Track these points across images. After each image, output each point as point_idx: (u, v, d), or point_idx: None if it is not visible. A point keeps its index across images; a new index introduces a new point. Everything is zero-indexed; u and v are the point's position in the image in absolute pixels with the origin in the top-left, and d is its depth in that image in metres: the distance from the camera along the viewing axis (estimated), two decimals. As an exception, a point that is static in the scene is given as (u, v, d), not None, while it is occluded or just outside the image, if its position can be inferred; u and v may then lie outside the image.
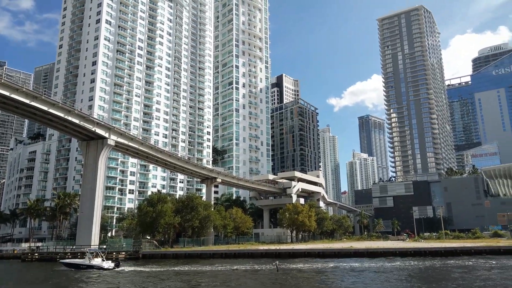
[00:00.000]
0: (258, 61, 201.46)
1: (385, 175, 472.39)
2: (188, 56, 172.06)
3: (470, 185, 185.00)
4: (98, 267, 54.40)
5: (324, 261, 64.22)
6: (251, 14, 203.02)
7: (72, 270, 54.51)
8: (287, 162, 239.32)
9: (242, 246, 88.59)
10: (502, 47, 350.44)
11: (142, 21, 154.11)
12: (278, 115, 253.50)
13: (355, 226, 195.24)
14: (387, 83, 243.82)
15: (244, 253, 76.36)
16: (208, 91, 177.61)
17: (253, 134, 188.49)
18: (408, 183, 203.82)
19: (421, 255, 70.30)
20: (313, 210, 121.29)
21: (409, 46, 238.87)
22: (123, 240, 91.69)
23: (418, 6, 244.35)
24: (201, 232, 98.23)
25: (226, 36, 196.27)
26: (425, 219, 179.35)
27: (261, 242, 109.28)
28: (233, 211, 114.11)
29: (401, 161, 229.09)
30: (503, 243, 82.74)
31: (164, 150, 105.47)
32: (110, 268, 54.43)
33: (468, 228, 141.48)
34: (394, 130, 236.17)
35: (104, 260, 56.57)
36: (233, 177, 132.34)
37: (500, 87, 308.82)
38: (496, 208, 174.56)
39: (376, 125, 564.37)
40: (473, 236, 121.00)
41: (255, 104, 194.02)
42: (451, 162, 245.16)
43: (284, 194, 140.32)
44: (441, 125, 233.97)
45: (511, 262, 56.58)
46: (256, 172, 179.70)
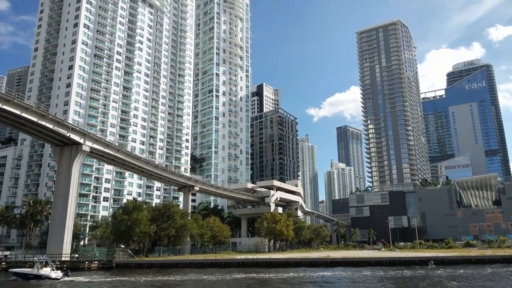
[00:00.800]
0: (239, 70, 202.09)
1: (362, 185, 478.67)
2: (168, 63, 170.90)
3: (443, 196, 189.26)
4: (46, 276, 52.82)
5: (302, 270, 64.19)
6: (233, 23, 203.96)
7: (19, 280, 52.71)
8: (266, 171, 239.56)
9: (219, 256, 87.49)
10: (475, 63, 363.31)
11: (121, 26, 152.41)
12: (258, 124, 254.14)
13: (332, 235, 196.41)
14: (364, 95, 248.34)
15: (220, 263, 75.38)
16: (187, 98, 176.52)
17: (232, 143, 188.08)
18: (384, 193, 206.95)
19: (395, 264, 71.10)
20: (291, 219, 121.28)
21: (386, 59, 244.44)
22: (96, 249, 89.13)
23: (395, 21, 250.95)
24: (177, 241, 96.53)
25: (207, 44, 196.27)
26: (400, 228, 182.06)
27: (239, 251, 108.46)
28: (210, 220, 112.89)
29: (378, 171, 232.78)
30: (474, 253, 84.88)
31: (141, 157, 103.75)
32: (58, 278, 52.98)
33: (442, 238, 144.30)
34: (371, 141, 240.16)
35: (54, 269, 55.01)
36: (211, 185, 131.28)
37: (472, 101, 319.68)
38: (468, 219, 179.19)
39: (354, 135, 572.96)
40: (446, 246, 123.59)
41: (235, 112, 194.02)
42: (426, 173, 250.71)
43: (262, 203, 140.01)
44: (416, 136, 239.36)
45: (477, 271, 57.87)
46: (234, 181, 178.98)
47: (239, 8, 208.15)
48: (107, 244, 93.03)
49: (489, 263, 70.73)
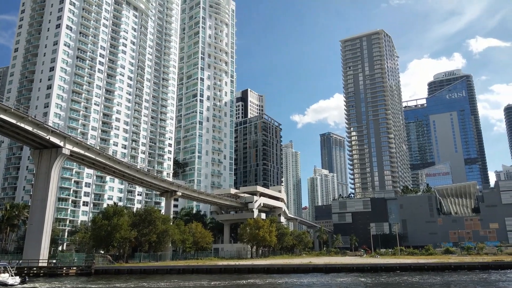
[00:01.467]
0: (224, 75, 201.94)
1: (345, 191, 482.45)
2: (152, 66, 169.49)
3: (424, 203, 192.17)
4: (3, 283, 51.17)
5: (284, 276, 63.97)
6: (218, 28, 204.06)
7: None
8: (250, 176, 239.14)
9: (201, 262, 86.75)
10: (455, 73, 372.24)
11: (105, 28, 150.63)
12: (242, 129, 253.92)
13: (314, 241, 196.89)
14: (348, 103, 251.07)
15: (202, 269, 74.63)
16: (171, 103, 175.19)
17: (216, 148, 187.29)
18: (366, 200, 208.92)
19: (377, 270, 71.62)
20: (274, 225, 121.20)
21: (370, 67, 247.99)
22: (75, 254, 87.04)
23: (379, 30, 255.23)
24: (159, 247, 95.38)
25: (192, 48, 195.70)
26: (381, 235, 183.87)
27: (221, 257, 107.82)
28: (192, 225, 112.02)
29: (360, 178, 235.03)
30: (453, 260, 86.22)
31: (123, 161, 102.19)
32: (15, 284, 51.41)
33: (422, 245, 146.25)
34: (354, 148, 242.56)
35: (12, 275, 53.36)
36: (194, 190, 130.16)
37: (452, 111, 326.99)
38: (448, 226, 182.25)
39: (337, 142, 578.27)
40: (427, 253, 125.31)
41: (219, 117, 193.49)
42: (407, 181, 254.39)
43: (245, 208, 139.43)
44: (398, 144, 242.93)
45: (453, 277, 58.71)
46: (218, 186, 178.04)
47: (224, 14, 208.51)
48: (86, 250, 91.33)
49: (468, 270, 71.88)
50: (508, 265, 74.80)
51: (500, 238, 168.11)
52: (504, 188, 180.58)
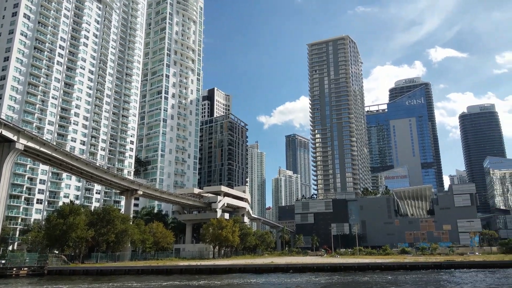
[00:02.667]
0: (190, 73, 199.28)
1: (308, 192, 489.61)
2: (115, 61, 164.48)
3: (382, 204, 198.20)
4: None
5: (246, 276, 63.76)
6: (185, 25, 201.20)
7: None
8: (214, 176, 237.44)
9: (161, 262, 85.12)
10: (415, 81, 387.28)
11: (66, 19, 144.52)
12: (207, 129, 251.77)
13: (277, 241, 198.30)
14: (313, 105, 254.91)
15: (162, 270, 73.21)
16: (134, 99, 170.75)
17: (180, 146, 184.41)
18: (328, 201, 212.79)
19: (336, 270, 73.03)
20: (237, 225, 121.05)
21: (335, 72, 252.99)
22: (27, 254, 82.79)
23: (344, 36, 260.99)
24: (117, 247, 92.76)
25: (158, 44, 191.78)
26: (342, 235, 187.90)
27: (182, 258, 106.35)
28: (153, 225, 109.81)
29: (323, 180, 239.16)
30: (408, 260, 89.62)
31: (81, 157, 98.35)
32: None
33: (380, 245, 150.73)
34: (318, 150, 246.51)
35: None
36: (156, 189, 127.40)
37: (411, 116, 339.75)
38: (404, 227, 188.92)
39: (302, 144, 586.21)
40: (384, 253, 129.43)
41: (184, 115, 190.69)
42: (367, 183, 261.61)
43: (209, 208, 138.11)
44: (359, 147, 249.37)
45: (409, 276, 60.81)
46: (181, 185, 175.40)
47: (192, 11, 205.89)
48: (40, 250, 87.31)
49: (422, 269, 74.69)
50: (459, 265, 78.41)
51: (452, 239, 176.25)
52: (457, 192, 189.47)
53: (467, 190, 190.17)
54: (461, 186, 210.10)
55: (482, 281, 56.20)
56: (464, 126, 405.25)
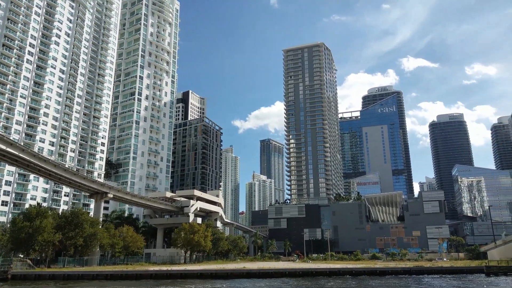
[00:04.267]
0: (165, 75, 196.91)
1: (282, 197, 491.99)
2: (87, 61, 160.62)
3: (354, 210, 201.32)
4: None
5: (217, 281, 63.11)
6: (161, 26, 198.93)
7: None
8: (187, 180, 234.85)
9: (131, 267, 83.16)
10: (387, 89, 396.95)
11: (37, 17, 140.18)
12: (181, 132, 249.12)
13: (250, 246, 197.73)
14: (288, 111, 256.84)
15: (132, 275, 71.53)
16: (106, 100, 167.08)
17: (153, 149, 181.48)
18: (301, 206, 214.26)
19: (308, 275, 73.38)
20: (210, 230, 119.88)
21: (310, 78, 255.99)
22: (-11, 258, 79.21)
23: (319, 43, 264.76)
24: (85, 251, 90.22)
25: (132, 45, 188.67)
26: (314, 241, 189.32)
27: (152, 262, 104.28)
28: (123, 229, 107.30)
29: (296, 185, 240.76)
30: (379, 265, 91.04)
31: (49, 159, 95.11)
32: None
33: (351, 250, 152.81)
34: (292, 155, 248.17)
35: None
36: (127, 193, 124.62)
37: (383, 124, 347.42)
38: (375, 233, 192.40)
39: (276, 149, 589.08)
40: (355, 258, 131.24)
41: (157, 118, 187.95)
42: (340, 188, 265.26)
43: (181, 213, 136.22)
44: (332, 153, 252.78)
45: (371, 282, 61.77)
46: (153, 189, 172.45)
47: (168, 13, 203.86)
48: (3, 254, 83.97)
49: (392, 274, 76.04)
50: (427, 271, 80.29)
51: (421, 245, 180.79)
52: (426, 198, 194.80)
53: (436, 197, 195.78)
54: (430, 193, 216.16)
55: (450, 287, 57.71)
56: (434, 135, 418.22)
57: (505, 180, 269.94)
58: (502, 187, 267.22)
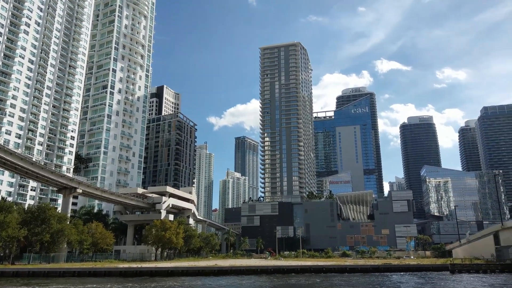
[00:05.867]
0: (139, 68, 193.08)
1: (255, 195, 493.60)
2: (58, 51, 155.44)
3: (326, 208, 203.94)
4: None
5: (188, 279, 62.53)
6: (136, 19, 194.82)
7: None
8: (160, 176, 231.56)
9: (99, 264, 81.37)
10: (361, 90, 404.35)
11: (5, 4, 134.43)
12: (154, 127, 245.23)
13: (222, 244, 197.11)
14: (263, 109, 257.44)
15: (100, 272, 69.92)
16: (77, 92, 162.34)
17: (125, 144, 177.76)
18: (274, 204, 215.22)
19: (279, 272, 73.78)
20: (182, 227, 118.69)
21: (286, 77, 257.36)
22: None
23: (296, 42, 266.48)
24: (52, 247, 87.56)
25: (105, 37, 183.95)
26: (286, 238, 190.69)
27: (122, 260, 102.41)
28: (92, 225, 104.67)
29: (270, 183, 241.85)
30: (349, 262, 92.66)
31: (15, 151, 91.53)
32: None
33: (323, 248, 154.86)
34: (266, 153, 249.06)
35: None
36: (97, 188, 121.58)
37: (356, 124, 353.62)
38: (346, 231, 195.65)
39: (251, 146, 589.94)
40: (326, 256, 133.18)
41: (130, 112, 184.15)
42: (312, 187, 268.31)
43: (153, 209, 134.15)
44: (306, 152, 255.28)
45: (348, 279, 62.90)
46: (124, 185, 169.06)
47: (143, 5, 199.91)
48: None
49: (361, 272, 77.48)
50: (395, 268, 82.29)
51: (390, 243, 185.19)
52: (395, 198, 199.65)
53: (405, 197, 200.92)
54: (399, 193, 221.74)
55: (416, 284, 59.32)
56: (404, 136, 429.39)
57: (470, 181, 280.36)
58: (467, 188, 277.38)
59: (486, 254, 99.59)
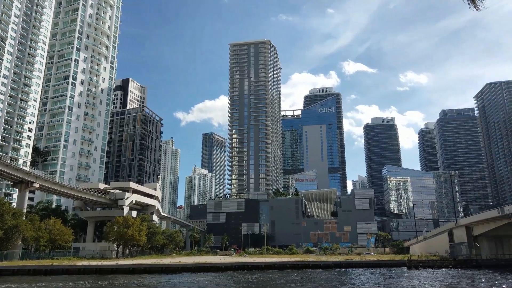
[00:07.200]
0: (103, 60, 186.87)
1: (222, 192, 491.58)
2: (16, 38, 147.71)
3: (291, 205, 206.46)
4: None
5: (150, 276, 61.23)
6: (101, 8, 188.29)
7: None
8: (123, 171, 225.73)
9: (57, 262, 78.18)
10: (328, 90, 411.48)
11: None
12: (119, 120, 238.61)
13: (186, 241, 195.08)
14: (232, 106, 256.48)
15: (57, 270, 67.34)
16: (36, 82, 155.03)
17: (86, 137, 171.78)
18: (241, 201, 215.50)
19: (244, 269, 73.79)
20: (145, 224, 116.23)
21: (255, 74, 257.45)
22: None
23: (266, 40, 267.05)
24: (6, 244, 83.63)
25: (68, 25, 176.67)
26: (252, 235, 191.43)
27: (81, 257, 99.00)
28: (50, 221, 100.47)
29: (237, 180, 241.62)
30: (312, 259, 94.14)
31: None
32: None
33: (287, 245, 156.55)
34: (234, 150, 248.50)
35: None
36: (55, 183, 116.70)
37: (322, 124, 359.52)
38: (310, 227, 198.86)
39: (219, 143, 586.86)
40: (290, 252, 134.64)
41: (93, 104, 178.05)
42: (279, 184, 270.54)
43: (115, 205, 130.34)
44: (274, 150, 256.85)
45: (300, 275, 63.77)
46: (85, 180, 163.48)
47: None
48: None
49: (323, 268, 78.82)
50: (356, 264, 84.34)
51: (351, 239, 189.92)
52: (358, 196, 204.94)
53: (366, 195, 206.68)
54: (361, 191, 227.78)
55: (375, 279, 60.92)
56: (367, 136, 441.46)
57: (428, 181, 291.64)
58: (425, 187, 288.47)
59: (441, 250, 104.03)
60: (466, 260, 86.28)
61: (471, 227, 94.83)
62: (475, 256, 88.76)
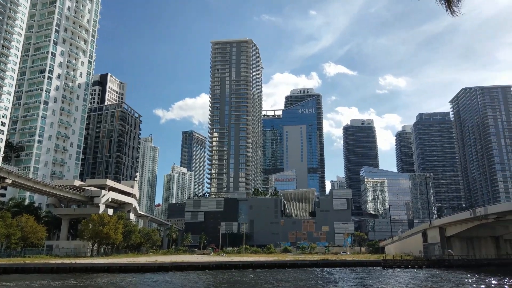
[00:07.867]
0: (81, 54, 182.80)
1: (201, 190, 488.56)
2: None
3: (270, 205, 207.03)
4: None
5: (125, 275, 60.26)
6: (80, 1, 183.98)
7: None
8: (100, 168, 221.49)
9: (29, 260, 76.27)
10: (309, 91, 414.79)
11: None
12: (96, 116, 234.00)
13: (164, 239, 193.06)
14: (213, 104, 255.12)
15: (29, 268, 65.63)
16: (10, 75, 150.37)
17: (62, 133, 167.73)
18: (220, 200, 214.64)
19: (221, 268, 73.57)
20: (121, 222, 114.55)
21: (236, 73, 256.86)
22: None
23: (248, 39, 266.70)
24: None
25: (45, 17, 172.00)
26: (230, 234, 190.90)
27: (54, 255, 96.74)
28: (22, 218, 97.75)
29: (217, 179, 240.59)
30: (289, 258, 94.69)
31: None
32: None
33: (265, 244, 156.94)
34: (214, 148, 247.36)
35: None
36: (29, 179, 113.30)
37: (303, 124, 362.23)
38: (288, 227, 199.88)
39: (199, 141, 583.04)
40: (268, 251, 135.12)
41: (70, 99, 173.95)
42: (258, 183, 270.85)
43: (90, 203, 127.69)
44: (254, 149, 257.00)
45: (287, 275, 64.13)
46: (60, 176, 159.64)
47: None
48: None
49: (300, 267, 79.40)
50: (332, 263, 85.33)
51: (329, 239, 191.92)
52: (336, 196, 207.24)
53: (344, 195, 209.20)
54: (339, 191, 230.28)
55: (350, 278, 61.75)
56: (346, 137, 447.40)
57: (404, 182, 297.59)
58: (401, 188, 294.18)
59: (415, 250, 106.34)
60: (439, 260, 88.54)
61: (444, 228, 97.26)
62: (447, 256, 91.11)
